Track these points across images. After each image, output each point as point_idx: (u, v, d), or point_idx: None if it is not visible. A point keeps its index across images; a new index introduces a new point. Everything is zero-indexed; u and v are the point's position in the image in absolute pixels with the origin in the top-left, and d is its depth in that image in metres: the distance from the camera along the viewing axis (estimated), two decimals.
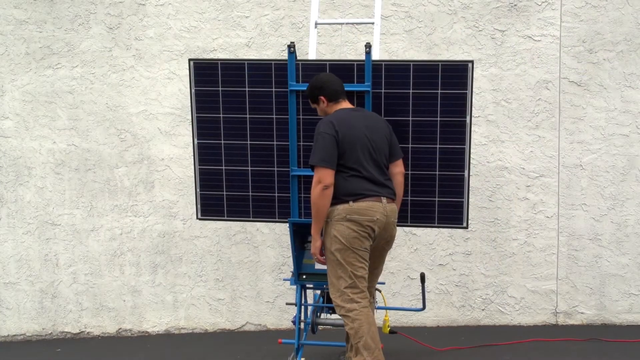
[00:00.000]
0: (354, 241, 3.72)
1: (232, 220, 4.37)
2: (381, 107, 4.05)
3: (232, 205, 4.32)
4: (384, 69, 4.02)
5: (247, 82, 4.13)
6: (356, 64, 4.05)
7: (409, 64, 4.01)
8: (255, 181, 4.27)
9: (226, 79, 4.15)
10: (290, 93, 4.08)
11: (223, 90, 4.17)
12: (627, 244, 5.29)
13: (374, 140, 3.82)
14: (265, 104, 4.15)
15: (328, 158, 3.71)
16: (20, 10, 5.58)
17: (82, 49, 5.57)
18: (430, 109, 4.02)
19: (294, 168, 4.17)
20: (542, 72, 5.25)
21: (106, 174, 5.63)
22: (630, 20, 5.13)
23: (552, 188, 5.31)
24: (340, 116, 3.83)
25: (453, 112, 4.01)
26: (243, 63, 4.13)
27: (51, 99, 5.62)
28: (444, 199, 4.13)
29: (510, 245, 5.38)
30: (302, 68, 4.08)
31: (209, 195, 4.33)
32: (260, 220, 4.34)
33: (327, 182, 3.70)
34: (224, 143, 4.23)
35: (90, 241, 5.68)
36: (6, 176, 5.68)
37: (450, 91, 3.99)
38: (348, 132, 3.76)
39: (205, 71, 4.16)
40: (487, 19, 5.26)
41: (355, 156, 3.76)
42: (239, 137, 4.22)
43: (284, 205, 4.27)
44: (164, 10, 5.50)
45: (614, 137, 5.23)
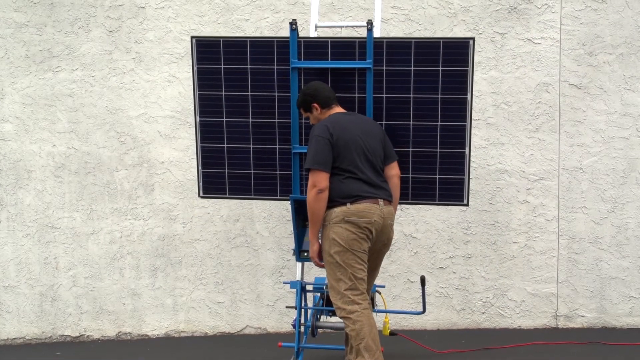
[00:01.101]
0: (353, 243, 3.71)
1: (234, 198, 4.37)
2: (382, 84, 4.06)
3: (233, 183, 4.33)
4: (385, 46, 4.03)
5: (249, 60, 4.14)
6: (357, 41, 4.05)
7: (410, 41, 4.01)
8: (256, 159, 4.27)
9: (228, 57, 4.15)
10: (292, 70, 4.09)
11: (225, 67, 4.17)
12: (628, 247, 5.28)
13: (368, 142, 3.83)
14: (267, 81, 4.16)
15: (322, 161, 3.72)
16: (20, 13, 5.58)
17: (82, 52, 5.57)
18: (431, 86, 4.03)
19: (295, 145, 4.17)
20: (542, 75, 5.24)
21: (106, 177, 5.63)
22: (630, 23, 5.13)
23: (552, 191, 5.30)
24: (335, 119, 3.84)
25: (454, 89, 4.02)
26: (245, 40, 4.13)
27: (51, 102, 5.62)
28: (444, 176, 4.14)
29: (510, 248, 5.37)
30: (303, 45, 4.09)
31: (211, 173, 4.34)
32: (262, 198, 4.34)
33: (322, 185, 3.71)
34: (225, 121, 4.24)
35: (90, 244, 5.68)
36: (6, 179, 5.67)
37: (451, 68, 3.99)
38: (343, 135, 3.77)
39: (208, 49, 4.16)
40: (487, 22, 5.26)
41: (351, 158, 3.77)
42: (241, 114, 4.22)
43: (285, 183, 4.28)
44: (164, 13, 5.50)
45: (614, 140, 5.22)
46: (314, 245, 3.87)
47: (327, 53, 4.07)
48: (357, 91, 4.09)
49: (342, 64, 4.06)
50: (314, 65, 4.08)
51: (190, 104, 5.51)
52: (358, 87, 4.09)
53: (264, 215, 5.54)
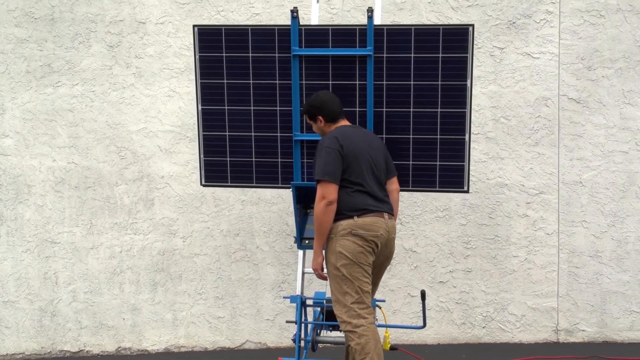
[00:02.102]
0: (360, 256, 3.71)
1: (236, 186, 4.38)
2: (383, 71, 4.08)
3: (235, 171, 4.33)
4: (385, 33, 4.05)
5: (251, 48, 4.16)
6: (358, 29, 4.07)
7: (410, 28, 4.03)
8: (258, 147, 4.28)
9: (230, 45, 4.17)
10: (293, 58, 4.10)
11: (227, 56, 4.19)
12: (628, 261, 5.28)
13: (374, 156, 3.84)
14: (269, 69, 4.17)
15: (332, 172, 3.71)
16: (21, 29, 5.60)
17: (83, 67, 5.59)
18: (431, 73, 4.05)
19: (296, 133, 4.19)
20: (541, 89, 5.26)
21: (106, 191, 5.63)
22: (628, 38, 5.15)
23: (552, 205, 5.30)
24: (343, 132, 3.84)
25: (454, 75, 4.04)
26: (247, 29, 4.15)
27: (51, 117, 5.63)
28: (445, 163, 4.15)
29: (510, 262, 5.36)
30: (305, 33, 4.10)
31: (213, 161, 4.34)
32: (263, 186, 4.35)
33: (331, 197, 3.70)
34: (227, 109, 4.25)
35: (89, 259, 5.67)
36: (6, 194, 5.67)
37: (451, 55, 4.01)
38: (352, 147, 3.77)
39: (210, 37, 4.18)
40: (486, 36, 5.28)
41: (359, 171, 3.77)
42: (243, 102, 4.24)
43: (286, 171, 4.28)
44: (164, 28, 5.52)
45: (614, 153, 5.23)
46: (318, 257, 3.85)
47: (328, 41, 4.09)
48: (358, 78, 4.11)
49: (342, 52, 4.08)
50: (315, 52, 4.10)
51: (190, 119, 5.52)
52: (359, 74, 4.10)
53: (264, 229, 5.53)
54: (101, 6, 5.53)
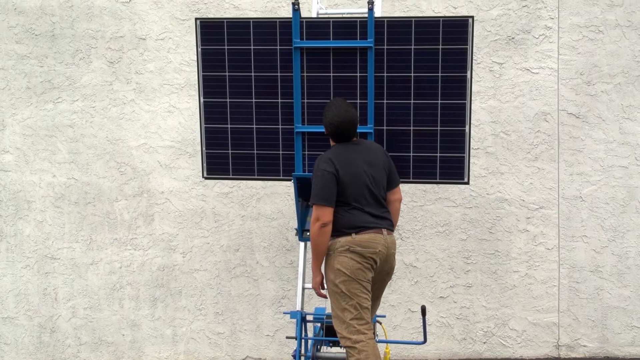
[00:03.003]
0: (358, 272, 3.72)
1: (237, 178, 4.38)
2: (383, 63, 4.09)
3: (237, 163, 4.34)
4: (386, 25, 4.06)
5: (252, 41, 4.17)
6: (359, 21, 4.09)
7: (410, 20, 4.06)
8: (260, 139, 4.28)
9: (232, 37, 4.19)
10: (294, 50, 4.12)
11: (229, 48, 4.21)
12: (629, 276, 5.27)
13: (372, 175, 3.85)
14: (270, 61, 4.19)
15: (326, 196, 3.75)
16: (22, 45, 5.62)
17: (83, 83, 5.61)
18: (431, 65, 4.07)
19: (298, 125, 4.20)
20: (541, 104, 5.27)
21: (106, 207, 5.63)
22: (627, 53, 5.16)
23: (552, 220, 5.30)
24: (340, 152, 3.85)
25: (454, 67, 4.06)
26: (248, 21, 4.17)
27: (51, 132, 5.63)
28: (445, 154, 4.16)
29: (511, 277, 5.35)
30: (306, 25, 4.12)
31: (215, 154, 4.35)
32: (265, 179, 4.35)
33: (326, 219, 3.74)
34: (229, 101, 4.27)
35: (89, 275, 5.66)
36: (6, 210, 5.67)
37: (450, 46, 4.03)
38: (348, 170, 3.79)
39: (212, 30, 4.20)
40: (485, 51, 5.29)
41: (355, 192, 3.79)
42: (245, 95, 4.25)
43: (288, 163, 4.29)
44: (164, 44, 5.54)
45: (613, 168, 5.24)
46: (317, 277, 3.88)
47: (329, 33, 4.11)
48: (359, 70, 4.13)
49: (344, 43, 4.10)
50: (316, 44, 4.12)
51: (190, 134, 5.53)
52: (360, 66, 4.12)
53: (264, 245, 5.53)
54: (102, 22, 5.55)
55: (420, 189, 5.37)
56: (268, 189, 5.49)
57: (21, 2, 5.61)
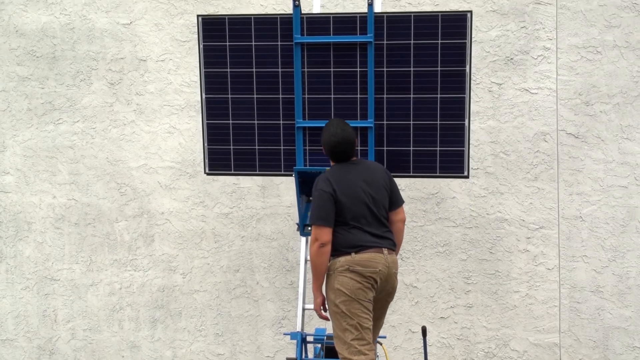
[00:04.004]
0: (358, 292, 3.71)
1: (239, 174, 4.40)
2: (383, 58, 4.12)
3: (238, 159, 4.35)
4: (385, 21, 4.09)
5: (254, 37, 4.20)
6: (359, 16, 4.12)
7: (409, 15, 4.09)
8: (261, 134, 4.30)
9: (233, 34, 4.22)
10: (295, 46, 4.14)
11: (230, 45, 4.23)
12: (630, 296, 5.25)
13: (372, 194, 3.84)
14: (271, 57, 4.21)
15: (324, 216, 3.75)
16: (23, 67, 5.65)
17: (84, 104, 5.63)
18: (430, 59, 4.09)
19: (299, 120, 4.21)
20: (540, 124, 5.29)
21: (106, 228, 5.63)
22: (625, 74, 5.19)
23: (552, 240, 5.30)
24: (339, 173, 3.85)
25: (453, 61, 4.08)
26: (250, 18, 4.20)
27: (52, 153, 5.65)
28: (445, 148, 4.17)
29: (511, 297, 5.34)
30: (306, 21, 4.15)
31: (217, 149, 4.36)
32: (266, 174, 4.38)
33: (324, 240, 3.73)
34: (231, 97, 4.28)
35: (89, 296, 5.65)
36: (6, 231, 5.67)
37: (449, 41, 4.06)
38: (346, 190, 3.79)
39: (213, 26, 4.23)
40: (484, 72, 5.32)
41: (354, 212, 3.79)
42: (246, 91, 4.27)
43: (288, 159, 4.31)
44: (165, 65, 5.57)
45: (613, 188, 5.24)
46: (317, 298, 3.87)
47: (329, 28, 4.14)
48: (359, 65, 4.15)
49: (344, 39, 4.12)
50: (316, 40, 4.14)
51: (190, 155, 5.54)
52: (360, 61, 4.14)
53: (264, 265, 5.52)
54: (102, 44, 5.59)
55: (421, 209, 5.37)
56: (268, 210, 5.50)
57: (22, 25, 5.65)
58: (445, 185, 5.33)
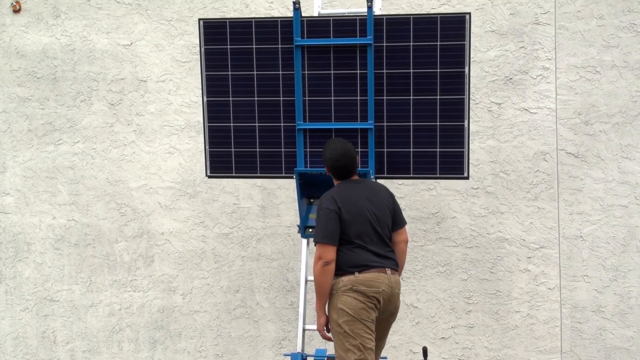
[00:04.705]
0: (361, 312, 3.70)
1: (240, 177, 4.43)
2: (383, 60, 4.14)
3: (240, 162, 4.38)
4: (385, 23, 4.13)
5: (254, 40, 4.23)
6: (359, 19, 4.15)
7: (409, 18, 4.13)
8: (262, 137, 4.32)
9: (234, 37, 4.25)
10: (295, 48, 4.17)
11: (231, 48, 4.26)
12: (631, 316, 5.23)
13: (376, 213, 3.85)
14: (272, 60, 4.24)
15: (329, 234, 3.74)
16: (23, 88, 5.67)
17: (84, 124, 5.64)
18: (430, 61, 4.12)
19: (299, 122, 4.23)
20: (540, 143, 5.29)
21: (106, 248, 5.62)
22: (624, 93, 5.20)
23: (553, 259, 5.29)
24: (343, 191, 3.87)
25: (452, 63, 4.11)
26: (250, 21, 4.24)
27: (52, 174, 5.65)
28: (445, 150, 4.19)
29: (512, 317, 5.32)
30: (307, 24, 4.18)
31: (218, 152, 4.39)
32: (267, 176, 4.41)
33: (328, 258, 3.72)
34: (232, 100, 4.31)
35: (88, 317, 5.63)
36: (5, 252, 5.66)
37: (449, 43, 4.09)
38: (351, 208, 3.79)
39: (214, 30, 4.26)
40: (484, 92, 5.33)
41: (358, 230, 3.79)
42: (247, 93, 4.29)
43: (289, 161, 4.33)
44: (165, 86, 5.59)
45: (614, 208, 5.24)
46: (321, 317, 3.86)
47: (329, 31, 4.17)
48: (359, 67, 4.18)
49: (344, 41, 4.16)
50: (316, 42, 4.18)
51: (190, 175, 5.54)
52: (359, 63, 4.17)
53: (264, 285, 5.51)
54: (103, 65, 5.61)
55: (421, 228, 5.37)
56: (268, 230, 5.49)
57: (24, 46, 5.67)
58: (445, 204, 5.33)
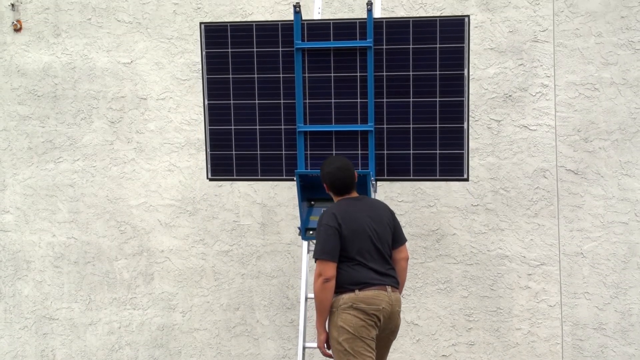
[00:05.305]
0: (362, 330, 3.69)
1: (241, 179, 4.46)
2: (383, 62, 4.16)
3: (240, 164, 4.39)
4: (384, 26, 4.15)
5: (255, 43, 4.26)
6: (358, 22, 4.19)
7: (408, 20, 4.15)
8: (263, 139, 4.34)
9: (235, 41, 4.28)
10: (296, 51, 4.19)
11: (232, 51, 4.28)
12: (633, 333, 5.22)
13: (376, 230, 3.85)
14: (273, 63, 4.27)
15: (329, 251, 3.73)
16: (24, 106, 5.69)
17: (84, 142, 5.65)
18: (429, 63, 4.15)
19: (300, 125, 4.25)
20: (539, 160, 5.30)
21: (105, 266, 5.61)
22: (623, 110, 5.21)
23: (553, 276, 5.28)
24: (343, 207, 3.86)
25: (451, 65, 4.13)
26: (251, 24, 4.27)
27: (52, 192, 5.66)
28: (444, 152, 4.21)
29: (513, 335, 5.30)
30: (307, 27, 4.21)
31: (219, 155, 4.40)
32: (268, 179, 4.43)
33: (328, 275, 3.71)
34: (233, 103, 4.33)
35: (88, 335, 5.61)
36: (5, 270, 5.66)
37: (448, 45, 4.11)
38: (351, 224, 3.79)
39: (216, 33, 4.29)
40: (483, 109, 5.34)
41: (359, 247, 3.78)
42: (248, 96, 4.32)
43: (290, 163, 4.33)
44: (165, 104, 5.60)
45: (614, 225, 5.23)
46: (321, 335, 3.84)
47: (329, 34, 4.20)
48: (359, 70, 4.21)
49: (344, 44, 4.19)
50: (317, 45, 4.20)
51: (190, 193, 5.55)
52: (359, 66, 4.20)
53: (264, 303, 5.49)
54: (103, 83, 5.63)
55: (421, 245, 5.36)
56: (268, 247, 5.49)
57: (24, 65, 5.70)
58: (445, 221, 5.33)
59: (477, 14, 5.28)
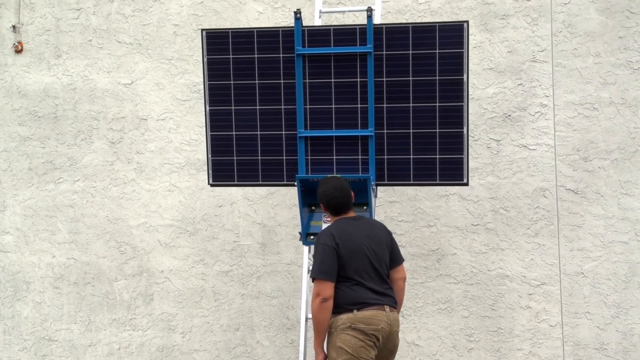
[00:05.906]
0: (361, 350, 3.67)
1: (242, 185, 4.44)
2: (382, 68, 4.18)
3: (242, 170, 4.39)
4: (384, 32, 4.17)
5: (256, 49, 4.27)
6: (358, 28, 4.21)
7: (408, 26, 4.18)
8: (264, 145, 4.34)
9: (236, 47, 4.29)
10: (297, 57, 4.21)
11: (234, 57, 4.30)
12: (634, 353, 5.19)
13: (374, 249, 3.84)
14: (274, 69, 4.28)
15: (327, 270, 3.73)
16: (24, 127, 5.71)
17: (84, 163, 5.66)
18: (429, 69, 4.16)
19: (300, 130, 4.25)
20: (539, 180, 5.30)
21: (105, 287, 5.60)
22: (622, 130, 5.23)
23: (554, 296, 5.26)
24: (341, 227, 3.86)
25: (451, 70, 4.14)
26: (252, 31, 4.29)
27: (52, 213, 5.66)
28: (444, 156, 4.21)
29: (515, 355, 5.28)
30: (307, 34, 4.23)
31: (220, 160, 4.40)
32: (269, 184, 4.43)
33: (326, 294, 3.70)
34: (234, 109, 4.34)
35: (87, 357, 5.58)
36: (4, 291, 5.64)
37: (447, 51, 4.13)
38: (349, 244, 3.78)
39: (217, 40, 4.30)
40: (482, 128, 5.36)
41: (357, 266, 3.77)
42: (249, 102, 4.33)
43: (291, 169, 4.34)
44: (165, 124, 5.62)
45: (614, 244, 5.23)
46: (319, 355, 3.83)
47: (329, 40, 4.22)
48: (359, 76, 4.22)
49: (344, 50, 4.21)
50: (317, 51, 4.22)
51: (190, 213, 5.55)
52: (360, 71, 4.22)
53: (265, 324, 5.48)
54: (104, 104, 5.65)
55: (421, 265, 5.35)
56: (268, 267, 5.48)
57: (25, 86, 5.72)
58: (445, 241, 5.32)
59: (475, 35, 5.31)
